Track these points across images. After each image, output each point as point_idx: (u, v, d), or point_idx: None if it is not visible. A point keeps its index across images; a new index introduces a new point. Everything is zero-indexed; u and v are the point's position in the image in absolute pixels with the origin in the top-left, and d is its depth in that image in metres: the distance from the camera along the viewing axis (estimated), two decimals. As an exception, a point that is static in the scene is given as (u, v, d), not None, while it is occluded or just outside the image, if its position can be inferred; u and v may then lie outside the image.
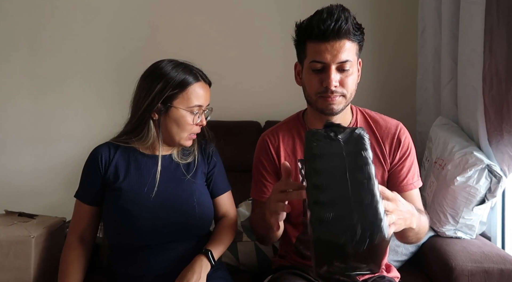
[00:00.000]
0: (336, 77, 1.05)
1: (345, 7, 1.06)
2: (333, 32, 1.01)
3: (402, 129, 1.19)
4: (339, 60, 1.03)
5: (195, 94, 1.21)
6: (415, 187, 1.18)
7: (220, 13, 2.23)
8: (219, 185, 1.33)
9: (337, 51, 1.03)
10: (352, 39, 1.04)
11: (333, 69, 1.04)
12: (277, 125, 1.26)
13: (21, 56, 2.28)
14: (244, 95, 2.25)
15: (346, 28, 1.02)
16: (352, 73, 1.07)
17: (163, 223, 1.18)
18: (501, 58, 1.35)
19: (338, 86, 1.06)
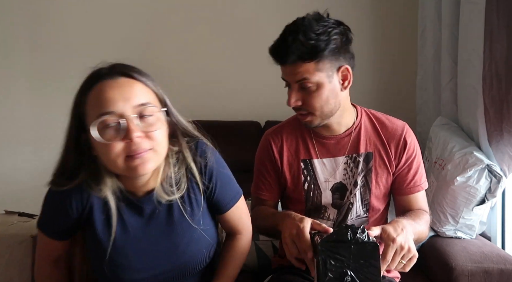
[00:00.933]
0: (296, 95, 1.08)
1: (306, 20, 1.05)
2: (284, 58, 1.05)
3: (408, 131, 1.18)
4: (296, 80, 1.06)
5: (97, 100, 0.89)
6: (422, 188, 1.18)
7: (220, 13, 2.23)
8: (226, 198, 1.03)
9: (292, 74, 1.06)
10: (304, 58, 1.03)
11: (294, 88, 1.08)
12: (281, 125, 1.26)
13: (21, 56, 2.28)
14: (244, 95, 2.25)
15: (296, 52, 1.02)
16: (315, 90, 1.06)
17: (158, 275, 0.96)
18: (501, 58, 1.35)
19: (302, 105, 1.09)
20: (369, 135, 1.18)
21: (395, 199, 1.22)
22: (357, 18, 2.15)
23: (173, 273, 0.97)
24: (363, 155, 1.16)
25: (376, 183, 1.17)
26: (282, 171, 1.21)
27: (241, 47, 2.24)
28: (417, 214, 1.12)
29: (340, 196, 1.18)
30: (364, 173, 1.17)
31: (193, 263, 0.97)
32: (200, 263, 0.99)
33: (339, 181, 1.18)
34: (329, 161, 1.18)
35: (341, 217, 1.18)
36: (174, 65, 2.25)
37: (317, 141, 1.19)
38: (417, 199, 1.18)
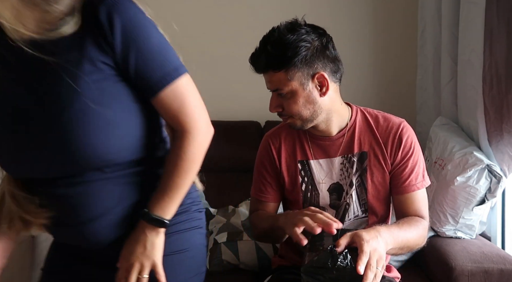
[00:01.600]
0: (275, 102, 1.12)
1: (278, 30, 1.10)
2: (256, 68, 1.13)
3: (404, 128, 1.16)
4: (272, 88, 1.11)
5: None
6: (418, 188, 1.14)
7: (220, 12, 2.23)
8: (151, 72, 0.79)
9: (268, 82, 1.12)
10: (275, 68, 1.07)
11: (273, 95, 1.13)
12: (279, 126, 1.26)
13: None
14: (244, 95, 2.25)
15: (265, 63, 1.08)
16: (291, 97, 1.09)
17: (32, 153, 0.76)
18: (501, 58, 1.35)
19: (282, 110, 1.12)
20: (364, 135, 1.17)
21: (392, 199, 1.20)
22: (357, 18, 2.15)
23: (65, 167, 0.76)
24: (357, 155, 1.16)
25: (372, 182, 1.16)
26: (281, 172, 1.21)
27: (241, 47, 2.24)
28: (408, 221, 1.09)
29: (337, 197, 1.18)
30: (359, 172, 1.16)
31: (89, 155, 0.74)
32: (103, 157, 0.76)
33: (336, 181, 1.18)
34: (325, 162, 1.18)
35: (339, 217, 1.18)
36: (174, 65, 2.25)
37: (313, 142, 1.19)
38: (413, 200, 1.14)
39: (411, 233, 1.05)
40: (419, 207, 1.15)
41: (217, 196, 1.92)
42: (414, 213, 1.14)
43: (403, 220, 1.09)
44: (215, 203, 1.89)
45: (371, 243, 0.89)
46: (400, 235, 1.01)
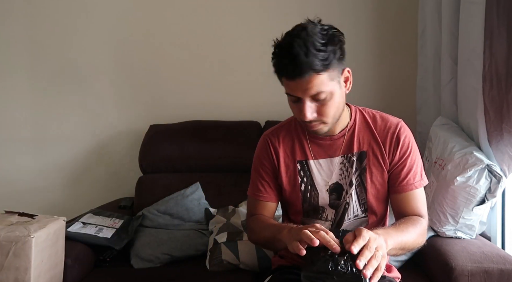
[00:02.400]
0: (312, 108, 1.04)
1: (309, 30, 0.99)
2: (294, 72, 0.98)
3: (402, 128, 1.17)
4: (309, 94, 1.01)
5: None
6: (416, 187, 1.15)
7: (219, 12, 2.23)
8: None
9: (305, 87, 1.00)
10: (319, 70, 0.98)
11: (307, 102, 1.03)
12: (278, 126, 1.26)
13: (22, 57, 2.28)
14: (244, 95, 2.25)
15: (307, 64, 0.97)
16: (329, 99, 1.04)
17: None
18: (501, 58, 1.35)
19: (316, 116, 1.05)
20: (363, 134, 1.17)
21: (390, 199, 1.20)
22: (357, 18, 2.15)
23: None
24: (357, 154, 1.16)
25: (371, 181, 1.16)
26: (279, 172, 1.20)
27: (241, 47, 2.24)
28: (406, 222, 1.08)
29: (337, 196, 1.18)
30: (358, 172, 1.17)
31: None
32: None
33: (336, 181, 1.18)
34: (325, 162, 1.18)
35: (338, 217, 1.18)
36: (174, 66, 2.25)
37: (312, 142, 1.19)
38: (411, 198, 1.15)
39: (410, 233, 1.05)
40: (417, 205, 1.15)
41: (217, 196, 1.93)
42: (412, 212, 1.14)
43: (401, 221, 1.09)
44: (215, 203, 1.89)
45: (370, 233, 0.88)
46: (399, 236, 1.01)
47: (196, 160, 2.02)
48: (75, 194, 2.31)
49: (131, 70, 2.28)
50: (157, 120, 2.18)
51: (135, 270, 1.63)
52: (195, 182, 1.96)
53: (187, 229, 1.80)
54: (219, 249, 1.58)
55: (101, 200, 2.11)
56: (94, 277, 1.55)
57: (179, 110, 2.23)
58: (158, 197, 1.92)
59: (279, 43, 1.02)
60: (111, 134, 2.29)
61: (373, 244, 0.86)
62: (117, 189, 2.24)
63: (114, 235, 1.67)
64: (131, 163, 2.20)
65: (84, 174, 2.31)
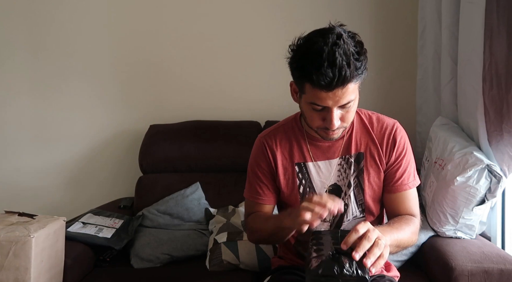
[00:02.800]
0: (338, 116, 1.02)
1: (344, 38, 0.96)
2: (338, 84, 0.95)
3: (398, 129, 1.18)
4: (341, 104, 1.00)
5: None
6: (410, 187, 1.17)
7: (220, 12, 2.23)
8: None
9: (339, 97, 0.98)
10: (355, 80, 0.98)
11: (334, 110, 1.01)
12: (274, 128, 1.25)
13: (22, 57, 2.28)
14: (244, 95, 2.25)
15: (349, 75, 0.95)
16: (353, 105, 1.04)
17: None
18: (501, 58, 1.34)
19: (340, 123, 1.04)
20: (360, 136, 1.18)
21: (383, 198, 1.20)
22: (357, 18, 2.15)
23: None
24: (355, 156, 1.17)
25: (369, 182, 1.17)
26: (277, 175, 1.20)
27: (241, 47, 2.24)
28: (400, 220, 1.10)
29: None
30: (356, 173, 1.17)
31: None
32: None
33: (334, 182, 1.18)
34: (324, 164, 1.18)
35: (337, 218, 1.18)
36: (174, 66, 2.25)
37: (311, 144, 1.18)
38: (404, 199, 1.16)
39: (404, 231, 1.06)
40: (410, 205, 1.16)
41: (217, 196, 1.93)
42: (405, 212, 1.16)
43: (395, 220, 1.10)
44: (215, 203, 1.89)
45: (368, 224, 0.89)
46: (394, 233, 1.02)
47: (196, 160, 2.02)
48: (75, 194, 2.31)
49: (131, 70, 2.28)
50: (157, 120, 2.18)
51: (135, 270, 1.63)
52: (195, 182, 1.96)
53: (187, 229, 1.80)
54: (219, 249, 1.58)
55: (101, 200, 2.10)
56: (94, 277, 1.56)
57: (179, 110, 2.23)
58: (158, 197, 1.92)
59: (312, 49, 0.96)
60: (111, 134, 2.29)
61: (373, 234, 0.87)
62: (117, 189, 2.24)
63: (114, 235, 1.67)
64: (131, 163, 2.20)
65: (84, 174, 2.31)
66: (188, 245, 1.72)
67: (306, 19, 2.08)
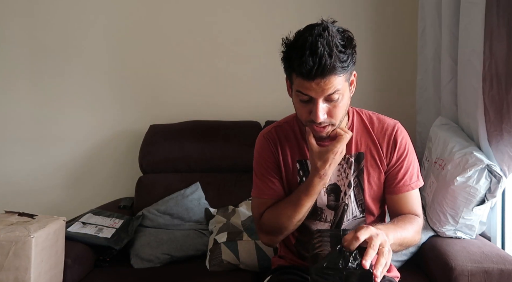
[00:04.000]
0: (324, 109, 1.02)
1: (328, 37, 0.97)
2: (317, 73, 0.96)
3: (399, 129, 1.17)
4: (325, 94, 1.00)
5: None
6: (413, 188, 1.16)
7: (219, 12, 2.23)
8: None
9: (323, 88, 0.99)
10: (339, 72, 0.98)
11: (320, 102, 1.01)
12: (275, 125, 1.25)
13: (21, 57, 2.28)
14: (244, 95, 2.25)
15: (331, 66, 0.96)
16: (341, 100, 1.03)
17: None
18: (501, 58, 1.35)
19: (326, 117, 1.04)
20: (361, 136, 1.18)
21: (386, 199, 1.20)
22: (357, 18, 2.15)
23: None
24: (355, 155, 1.17)
25: (369, 182, 1.17)
26: (281, 169, 1.20)
27: (241, 47, 2.24)
28: (404, 219, 1.10)
29: (335, 197, 1.18)
30: (356, 173, 1.17)
31: None
32: None
33: (334, 182, 1.17)
34: None
35: (338, 218, 1.18)
36: (174, 66, 2.25)
37: None
38: (407, 199, 1.16)
39: (408, 230, 1.06)
40: (413, 206, 1.16)
41: (217, 196, 1.93)
42: (408, 212, 1.16)
43: (398, 219, 1.11)
44: (215, 203, 1.89)
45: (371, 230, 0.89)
46: (398, 231, 1.02)
47: (196, 160, 2.02)
48: (75, 194, 2.31)
49: (131, 70, 2.28)
50: (157, 120, 2.18)
51: (135, 270, 1.63)
52: (195, 182, 1.96)
53: (187, 229, 1.80)
54: (219, 249, 1.58)
55: (101, 200, 2.10)
56: (94, 277, 1.56)
57: (179, 110, 2.23)
58: (158, 197, 1.92)
59: (299, 41, 0.99)
60: (111, 134, 2.29)
61: (376, 242, 0.86)
62: (117, 189, 2.24)
63: (114, 235, 1.67)
64: (131, 163, 2.20)
65: (84, 174, 2.31)
66: (188, 245, 1.72)
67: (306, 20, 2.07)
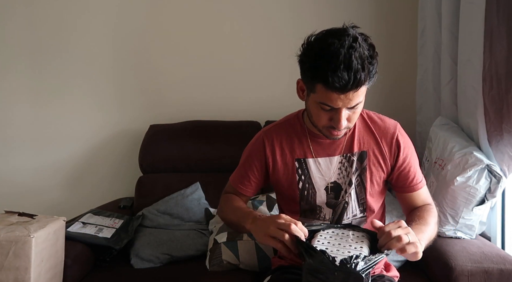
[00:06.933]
0: (345, 116, 1.04)
1: (359, 42, 0.97)
2: (352, 87, 0.97)
3: (400, 130, 1.20)
4: (351, 105, 1.02)
5: None
6: (423, 185, 1.22)
7: (219, 14, 2.23)
8: None
9: (350, 100, 1.00)
10: (367, 84, 1.01)
11: (344, 111, 1.03)
12: (276, 123, 1.26)
13: (21, 58, 2.28)
14: (244, 95, 2.25)
15: (364, 79, 0.97)
16: (360, 107, 1.06)
17: None
18: (501, 58, 1.35)
19: (346, 123, 1.06)
20: (363, 135, 1.19)
21: (399, 197, 1.24)
22: (357, 18, 2.13)
23: None
24: (357, 154, 1.17)
25: (371, 181, 1.17)
26: (274, 170, 1.21)
27: (241, 48, 2.24)
28: (423, 213, 1.14)
29: (334, 196, 1.18)
30: (358, 172, 1.17)
31: None
32: None
33: (334, 180, 1.18)
34: (324, 160, 1.18)
35: (337, 216, 1.18)
36: (174, 66, 2.25)
37: (313, 141, 1.19)
38: (420, 195, 1.21)
39: (430, 226, 1.10)
40: (425, 198, 1.22)
41: (217, 196, 1.92)
42: (422, 204, 1.21)
43: (417, 215, 1.13)
44: (215, 203, 1.88)
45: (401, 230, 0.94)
46: (426, 232, 1.06)
47: (196, 160, 2.02)
48: (75, 194, 2.31)
49: (131, 70, 2.28)
50: (157, 120, 2.18)
51: (135, 270, 1.63)
52: (195, 182, 1.96)
53: (187, 229, 1.80)
54: (219, 249, 1.58)
55: (101, 200, 2.11)
56: (94, 277, 1.55)
57: (179, 110, 2.23)
58: (158, 197, 1.92)
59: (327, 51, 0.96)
60: (111, 134, 2.29)
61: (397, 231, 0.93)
62: (117, 189, 2.25)
63: (114, 235, 1.67)
64: (131, 163, 2.20)
65: (84, 174, 2.31)
66: (188, 245, 1.72)
67: (306, 20, 2.08)
